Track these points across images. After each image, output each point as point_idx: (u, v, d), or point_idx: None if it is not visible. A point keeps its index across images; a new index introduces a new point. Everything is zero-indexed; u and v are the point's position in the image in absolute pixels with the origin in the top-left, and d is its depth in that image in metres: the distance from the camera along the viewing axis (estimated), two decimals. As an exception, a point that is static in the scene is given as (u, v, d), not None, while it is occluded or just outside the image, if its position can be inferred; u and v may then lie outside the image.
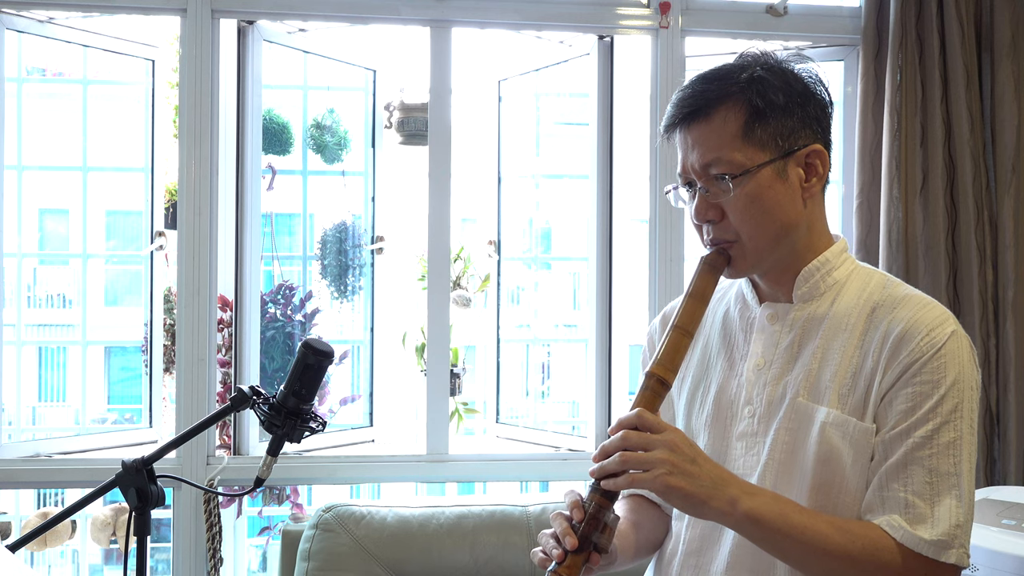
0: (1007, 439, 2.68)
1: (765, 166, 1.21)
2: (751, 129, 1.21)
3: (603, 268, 2.86)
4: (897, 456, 1.17)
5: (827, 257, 1.28)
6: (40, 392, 8.83)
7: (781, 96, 1.22)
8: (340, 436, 2.90)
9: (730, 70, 1.25)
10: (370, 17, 2.77)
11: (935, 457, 1.15)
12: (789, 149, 1.22)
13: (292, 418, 1.53)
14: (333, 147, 3.06)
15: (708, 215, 1.24)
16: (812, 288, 1.28)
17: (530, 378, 3.29)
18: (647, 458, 1.12)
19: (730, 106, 1.21)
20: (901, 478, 1.16)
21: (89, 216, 2.94)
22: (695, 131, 1.23)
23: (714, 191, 1.22)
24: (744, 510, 1.12)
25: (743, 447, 1.27)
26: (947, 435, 1.16)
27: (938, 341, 1.18)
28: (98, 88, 2.97)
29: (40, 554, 4.33)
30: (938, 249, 2.70)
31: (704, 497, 1.12)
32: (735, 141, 1.20)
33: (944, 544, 1.13)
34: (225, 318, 2.80)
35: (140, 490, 1.46)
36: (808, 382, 1.23)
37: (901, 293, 1.25)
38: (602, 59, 2.84)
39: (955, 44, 2.69)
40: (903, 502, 1.15)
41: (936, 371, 1.17)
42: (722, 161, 1.21)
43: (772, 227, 1.23)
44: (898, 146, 2.70)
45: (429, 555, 2.22)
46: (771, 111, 1.21)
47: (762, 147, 1.21)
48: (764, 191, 1.21)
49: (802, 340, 1.26)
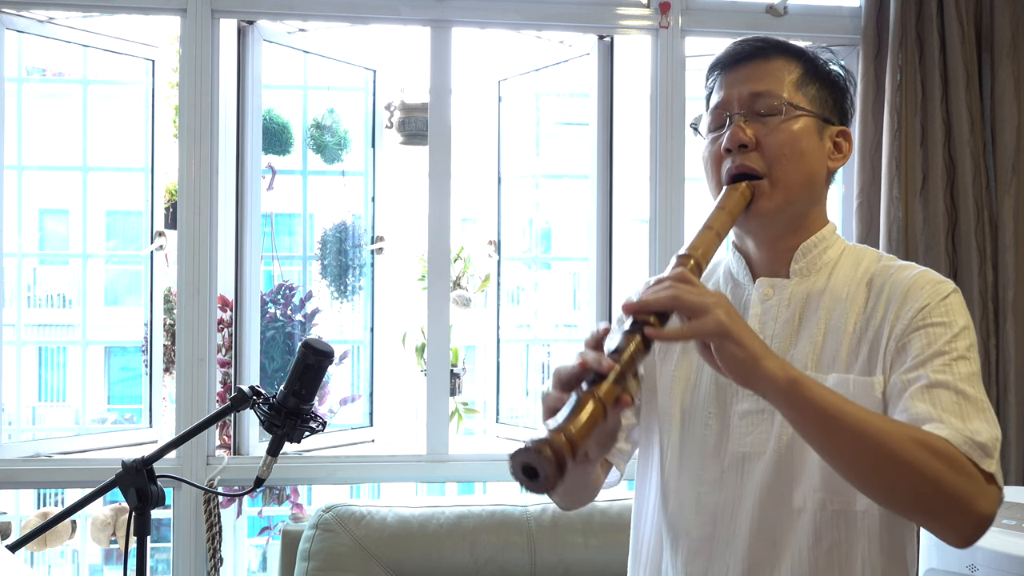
0: (1007, 439, 2.68)
1: (811, 115, 1.24)
2: (806, 83, 1.25)
3: (603, 268, 2.86)
4: (920, 383, 1.12)
5: (824, 235, 1.29)
6: (40, 392, 8.83)
7: (828, 70, 1.28)
8: (340, 436, 2.90)
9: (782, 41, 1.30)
10: (370, 17, 2.77)
11: (959, 382, 1.11)
12: (828, 118, 1.26)
13: (292, 418, 1.53)
14: (333, 147, 3.06)
15: (743, 138, 1.22)
16: (809, 263, 1.27)
17: (530, 378, 3.29)
18: (701, 300, 1.03)
19: (789, 59, 1.26)
20: (927, 399, 1.10)
21: (89, 216, 2.94)
22: (752, 67, 1.25)
23: (753, 124, 1.23)
24: (793, 375, 1.04)
25: (747, 425, 1.23)
26: (966, 368, 1.13)
27: (943, 292, 1.19)
28: (98, 88, 2.97)
29: (40, 554, 4.33)
30: (938, 249, 2.70)
31: (758, 353, 1.03)
32: (790, 85, 1.24)
33: (988, 450, 1.06)
34: (225, 318, 2.80)
35: (140, 490, 1.46)
36: (815, 355, 1.22)
37: (896, 263, 1.27)
38: (602, 59, 2.84)
39: (955, 44, 2.70)
40: (937, 417, 1.08)
41: (947, 313, 1.17)
42: (774, 95, 1.23)
43: (803, 172, 1.23)
44: (898, 146, 2.70)
45: (429, 555, 2.23)
46: (824, 77, 1.27)
47: (811, 102, 1.25)
48: (804, 136, 1.23)
49: (803, 315, 1.25)
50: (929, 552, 2.12)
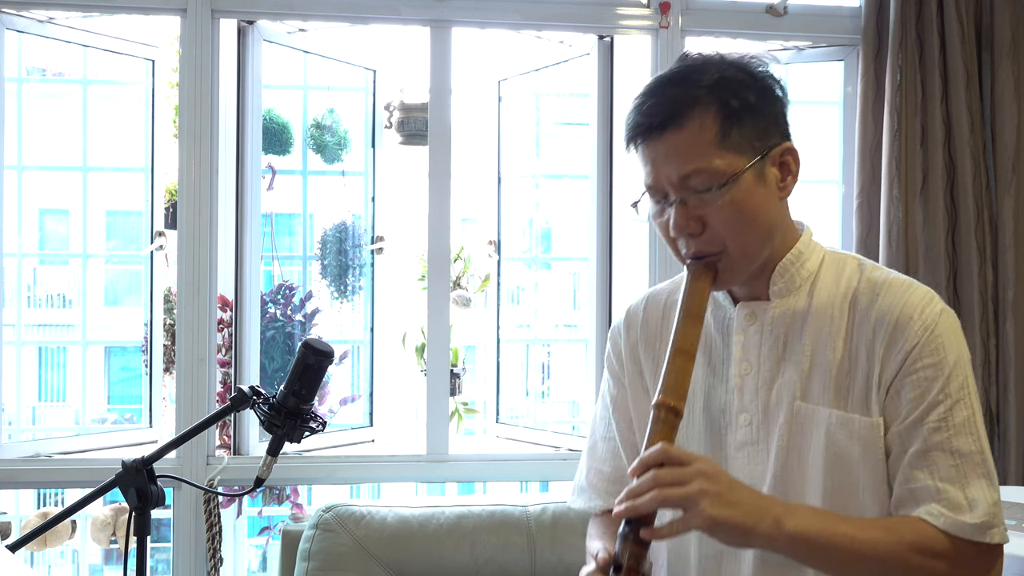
0: (1007, 439, 2.68)
1: (747, 171, 1.14)
2: (727, 133, 1.14)
3: (603, 268, 2.86)
4: (916, 445, 1.14)
5: (799, 249, 1.24)
6: (40, 392, 8.82)
7: (752, 95, 1.16)
8: (340, 436, 2.90)
9: (692, 71, 1.17)
10: (370, 17, 2.77)
11: (955, 438, 1.13)
12: (765, 150, 1.16)
13: (292, 418, 1.53)
14: (333, 147, 3.06)
15: (689, 228, 1.16)
16: (788, 283, 1.23)
17: (530, 378, 3.29)
18: (686, 492, 1.05)
19: (703, 110, 1.14)
20: (926, 467, 1.13)
21: (89, 216, 2.94)
22: (668, 141, 1.14)
23: (693, 203, 1.15)
24: (790, 530, 1.08)
25: (745, 457, 1.23)
26: (961, 414, 1.14)
27: (931, 322, 1.16)
28: (98, 88, 2.97)
29: (40, 554, 4.33)
30: (938, 249, 2.69)
31: (751, 524, 1.07)
32: (713, 148, 1.13)
33: (987, 525, 1.11)
34: (225, 318, 2.80)
35: (140, 490, 1.46)
36: (803, 384, 1.20)
37: (880, 277, 1.21)
38: (602, 59, 2.84)
39: (955, 44, 2.69)
40: (934, 490, 1.12)
41: (936, 352, 1.15)
42: (703, 171, 1.13)
43: (759, 233, 1.18)
44: (898, 146, 2.70)
45: (429, 555, 2.22)
46: (745, 112, 1.15)
47: (740, 151, 1.14)
48: (747, 197, 1.15)
49: (787, 340, 1.22)
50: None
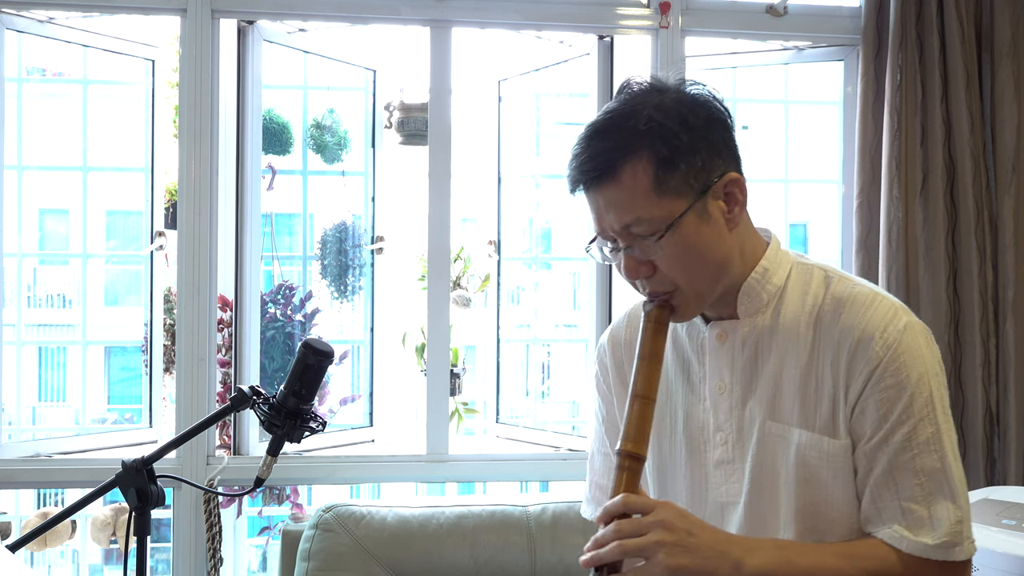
0: (1007, 439, 2.68)
1: (687, 213, 1.15)
2: (662, 180, 1.14)
3: (603, 268, 2.86)
4: (882, 465, 1.17)
5: (764, 266, 1.24)
6: (40, 392, 8.83)
7: (684, 137, 1.14)
8: (340, 436, 2.90)
9: (622, 117, 1.16)
10: (370, 17, 2.77)
11: (919, 458, 1.15)
12: (704, 187, 1.16)
13: (292, 418, 1.53)
14: (333, 147, 3.06)
15: (640, 272, 1.19)
16: (754, 301, 1.25)
17: (530, 378, 3.29)
18: (644, 543, 1.10)
19: (635, 161, 1.14)
20: (891, 487, 1.16)
21: (89, 216, 2.94)
22: (605, 194, 1.16)
23: (640, 249, 1.17)
24: (751, 571, 1.12)
25: (722, 475, 1.26)
26: (925, 432, 1.16)
27: (892, 341, 1.17)
28: (98, 88, 2.97)
29: (40, 554, 4.33)
30: (938, 249, 2.69)
31: (711, 569, 1.10)
32: (649, 197, 1.14)
33: (949, 544, 1.14)
34: (225, 318, 2.80)
35: (140, 490, 1.46)
36: (772, 405, 1.22)
37: (844, 293, 1.21)
38: (602, 59, 2.84)
39: (955, 44, 2.69)
40: (900, 510, 1.16)
41: (899, 371, 1.16)
42: (642, 221, 1.15)
43: (708, 269, 1.19)
44: (898, 146, 2.70)
45: (429, 555, 2.22)
46: (678, 156, 1.14)
47: (678, 194, 1.15)
48: (692, 238, 1.16)
49: (757, 359, 1.24)
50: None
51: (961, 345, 2.70)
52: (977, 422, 2.66)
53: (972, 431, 2.67)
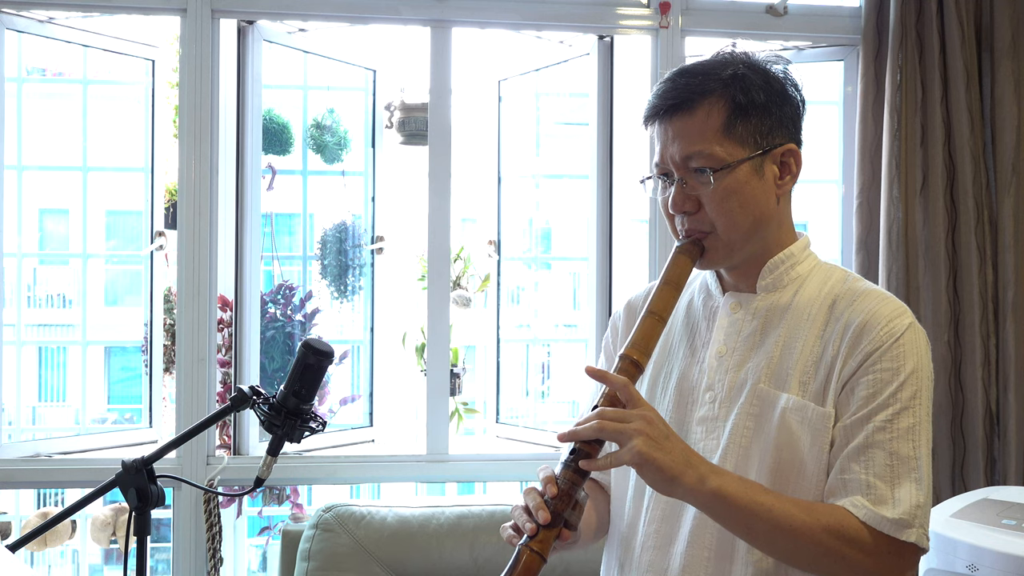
0: (1007, 439, 2.68)
1: (744, 162, 1.24)
2: (732, 125, 1.24)
3: (603, 268, 2.86)
4: (858, 440, 1.20)
5: (792, 251, 1.32)
6: (40, 392, 8.82)
7: (762, 95, 1.25)
8: (340, 436, 2.90)
9: (713, 66, 1.27)
10: (370, 17, 2.77)
11: (895, 441, 1.19)
12: (767, 147, 1.25)
13: (292, 418, 1.53)
14: (333, 147, 3.06)
15: (685, 206, 1.26)
16: (776, 279, 1.31)
17: (530, 378, 3.29)
18: (623, 428, 1.13)
19: (713, 101, 1.24)
20: (862, 461, 1.19)
21: (89, 216, 2.94)
22: (677, 123, 1.25)
23: (692, 183, 1.25)
24: (712, 487, 1.15)
25: (703, 431, 1.30)
26: (906, 420, 1.20)
27: (897, 331, 1.22)
28: (98, 88, 2.97)
29: (40, 554, 4.33)
30: (938, 249, 2.69)
31: (677, 472, 1.13)
32: (717, 135, 1.23)
33: (904, 523, 1.17)
34: (225, 318, 2.80)
35: (140, 490, 1.46)
36: (770, 369, 1.26)
37: (861, 288, 1.29)
38: (602, 59, 2.84)
39: (955, 44, 2.69)
40: (864, 483, 1.19)
41: (896, 359, 1.21)
42: (703, 154, 1.23)
43: (747, 221, 1.26)
44: (898, 146, 2.70)
45: (429, 555, 2.23)
46: (752, 109, 1.24)
47: (742, 143, 1.24)
48: (742, 186, 1.24)
49: (764, 329, 1.29)
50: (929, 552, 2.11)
51: (961, 345, 2.70)
52: (977, 422, 2.66)
53: (972, 431, 2.67)
